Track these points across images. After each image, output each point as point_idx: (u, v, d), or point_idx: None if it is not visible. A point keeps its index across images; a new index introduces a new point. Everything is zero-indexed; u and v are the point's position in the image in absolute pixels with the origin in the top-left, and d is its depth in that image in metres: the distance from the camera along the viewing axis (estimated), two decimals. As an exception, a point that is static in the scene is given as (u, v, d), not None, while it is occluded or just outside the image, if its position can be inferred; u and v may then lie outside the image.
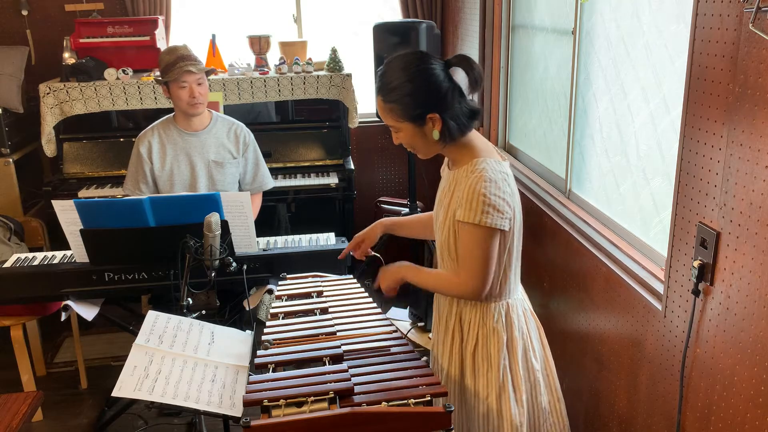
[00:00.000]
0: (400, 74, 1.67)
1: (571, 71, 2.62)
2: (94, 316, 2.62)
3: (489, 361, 1.79)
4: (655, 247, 2.06)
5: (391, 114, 1.70)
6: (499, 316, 1.79)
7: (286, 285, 2.21)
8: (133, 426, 3.06)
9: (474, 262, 1.68)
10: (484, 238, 1.66)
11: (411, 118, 1.68)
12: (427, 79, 1.65)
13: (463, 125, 1.71)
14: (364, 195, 4.66)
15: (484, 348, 1.79)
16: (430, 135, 1.70)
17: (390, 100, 1.68)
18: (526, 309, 1.87)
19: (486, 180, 1.65)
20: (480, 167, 1.68)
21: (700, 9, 1.59)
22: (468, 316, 1.81)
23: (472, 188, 1.65)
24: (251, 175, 3.09)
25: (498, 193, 1.65)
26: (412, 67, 1.67)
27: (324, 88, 3.97)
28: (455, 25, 4.13)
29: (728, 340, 1.55)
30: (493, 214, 1.64)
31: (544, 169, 3.01)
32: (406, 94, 1.66)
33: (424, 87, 1.65)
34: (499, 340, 1.78)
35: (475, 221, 1.64)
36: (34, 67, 4.13)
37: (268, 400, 1.48)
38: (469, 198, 1.65)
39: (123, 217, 2.39)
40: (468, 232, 1.68)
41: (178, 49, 2.84)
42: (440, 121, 1.67)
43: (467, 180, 1.68)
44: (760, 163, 1.40)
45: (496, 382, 1.78)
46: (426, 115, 1.66)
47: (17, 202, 3.83)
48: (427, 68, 1.66)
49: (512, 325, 1.80)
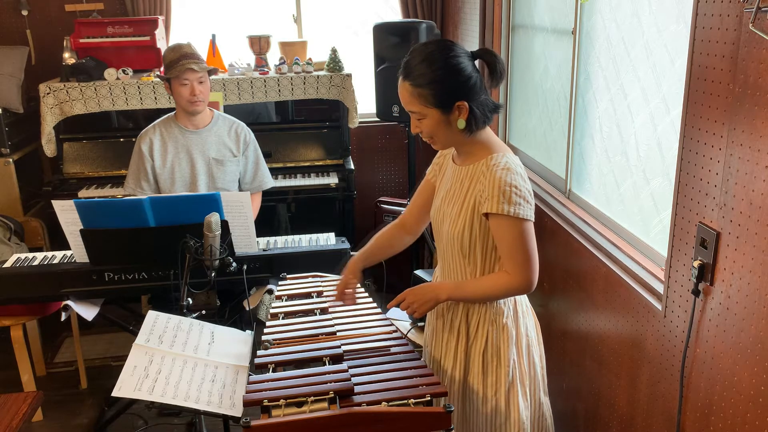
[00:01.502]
0: (430, 60, 1.67)
1: (571, 71, 2.62)
2: (94, 316, 2.62)
3: (499, 358, 1.79)
4: (655, 247, 2.06)
5: (419, 99, 1.69)
6: (509, 312, 1.80)
7: (286, 285, 2.21)
8: (133, 426, 3.06)
9: (521, 256, 1.69)
10: (523, 229, 1.68)
11: (439, 104, 1.68)
12: (457, 66, 1.67)
13: (486, 117, 1.74)
14: (364, 195, 4.66)
15: (493, 346, 1.79)
16: (454, 124, 1.71)
17: (419, 84, 1.67)
18: (527, 304, 1.89)
19: (514, 172, 1.69)
20: (503, 161, 1.71)
21: (700, 9, 1.59)
22: (476, 315, 1.81)
23: (502, 180, 1.67)
24: (251, 175, 3.09)
25: (525, 186, 1.70)
26: (443, 54, 1.68)
27: (324, 88, 3.97)
28: (455, 25, 4.13)
29: (728, 340, 1.55)
30: (524, 205, 1.68)
31: (544, 169, 3.01)
32: (437, 80, 1.66)
33: (454, 74, 1.67)
34: (509, 336, 1.80)
35: (510, 212, 1.66)
36: (34, 67, 4.13)
37: (268, 400, 1.48)
38: (500, 189, 1.66)
39: (123, 217, 2.39)
40: (504, 227, 1.69)
41: (182, 47, 2.86)
42: (467, 109, 1.68)
43: (491, 173, 1.69)
44: (760, 163, 1.40)
45: (506, 379, 1.79)
46: (455, 102, 1.68)
47: (17, 202, 3.83)
48: (456, 56, 1.68)
49: (519, 320, 1.82)
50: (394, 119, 3.76)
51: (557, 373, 2.66)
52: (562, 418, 2.67)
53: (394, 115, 3.71)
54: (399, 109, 3.68)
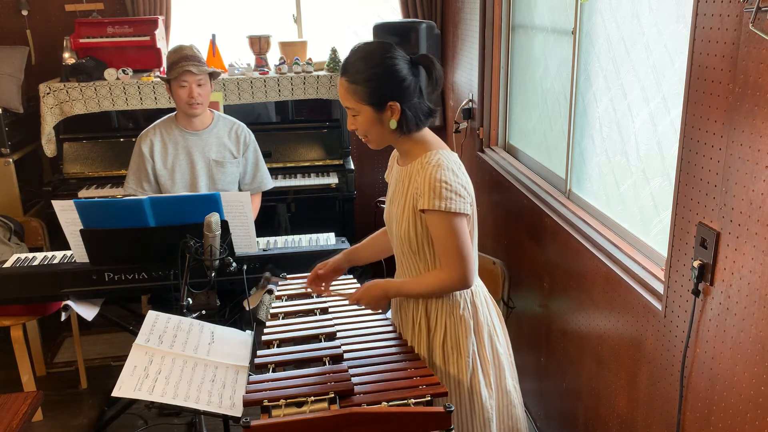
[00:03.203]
0: (367, 59, 1.74)
1: (571, 71, 2.62)
2: (94, 316, 2.62)
3: (458, 349, 1.82)
4: (655, 247, 2.06)
5: (354, 96, 1.75)
6: (465, 304, 1.83)
7: (286, 285, 2.21)
8: (133, 426, 3.06)
9: (453, 251, 1.72)
10: (453, 224, 1.71)
11: (372, 102, 1.73)
12: (393, 67, 1.73)
13: (419, 120, 1.78)
14: (364, 195, 4.66)
15: (453, 337, 1.82)
16: (387, 123, 1.76)
17: (354, 81, 1.74)
18: (486, 295, 1.92)
19: (444, 168, 1.71)
20: (435, 158, 1.75)
21: (700, 9, 1.59)
22: (435, 308, 1.83)
23: (432, 176, 1.70)
24: (251, 175, 3.09)
25: (456, 180, 1.72)
26: (379, 54, 1.74)
27: (324, 88, 3.97)
28: (455, 25, 4.13)
29: (728, 340, 1.55)
30: (455, 199, 1.70)
31: (544, 169, 3.00)
32: (371, 78, 1.72)
33: (388, 74, 1.72)
34: (467, 327, 1.82)
35: (441, 207, 1.69)
36: (34, 67, 4.13)
37: (268, 400, 1.48)
38: (430, 186, 1.70)
39: (123, 217, 2.39)
40: (437, 222, 1.72)
41: (183, 48, 2.85)
42: (399, 110, 1.73)
43: (424, 170, 1.73)
44: (760, 163, 1.40)
45: (467, 369, 1.82)
46: (387, 102, 1.73)
47: (17, 202, 3.83)
48: (393, 58, 1.74)
49: (477, 311, 1.85)
50: (394, 119, 3.75)
51: (557, 373, 2.66)
52: (562, 418, 2.67)
53: (394, 115, 3.71)
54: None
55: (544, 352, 2.79)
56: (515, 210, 3.06)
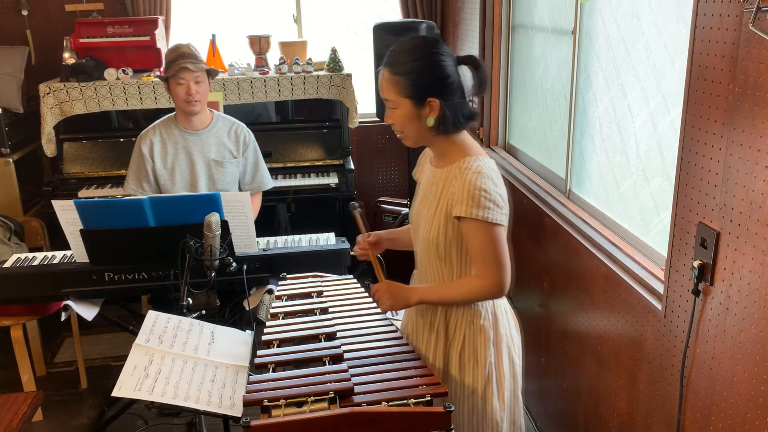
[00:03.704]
0: (412, 51, 1.69)
1: (571, 71, 2.62)
2: (94, 316, 2.62)
3: (476, 358, 1.80)
4: (655, 247, 2.06)
5: (394, 87, 1.70)
6: (486, 314, 1.80)
7: (286, 285, 2.21)
8: (133, 426, 3.06)
9: (491, 260, 1.69)
10: (492, 233, 1.67)
11: (412, 95, 1.69)
12: (437, 63, 1.68)
13: (458, 122, 1.73)
14: (364, 195, 4.66)
15: (471, 346, 1.80)
16: (424, 120, 1.71)
17: (397, 72, 1.69)
18: (506, 306, 1.89)
19: (485, 176, 1.67)
20: (476, 164, 1.70)
21: (700, 9, 1.59)
22: (455, 316, 1.81)
23: (472, 184, 1.66)
24: (250, 175, 3.09)
25: (496, 189, 1.68)
26: (425, 48, 1.69)
27: (324, 88, 3.97)
28: (455, 25, 4.13)
29: (728, 340, 1.55)
30: (494, 209, 1.66)
31: (544, 169, 3.01)
32: (415, 71, 1.67)
33: (432, 69, 1.67)
34: (486, 338, 1.80)
35: (479, 216, 1.65)
36: (34, 67, 4.13)
37: (268, 400, 1.48)
38: (469, 194, 1.65)
39: (123, 217, 2.39)
40: (473, 231, 1.68)
41: (180, 47, 2.86)
42: (439, 108, 1.68)
43: (463, 176, 1.68)
44: (760, 163, 1.40)
45: (482, 379, 1.80)
46: (426, 97, 1.68)
47: (17, 202, 3.83)
48: (439, 53, 1.69)
49: (498, 322, 1.82)
50: (394, 119, 3.75)
51: (557, 373, 2.66)
52: (562, 418, 2.67)
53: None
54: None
55: (544, 352, 2.79)
56: (515, 210, 3.06)
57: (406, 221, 4.05)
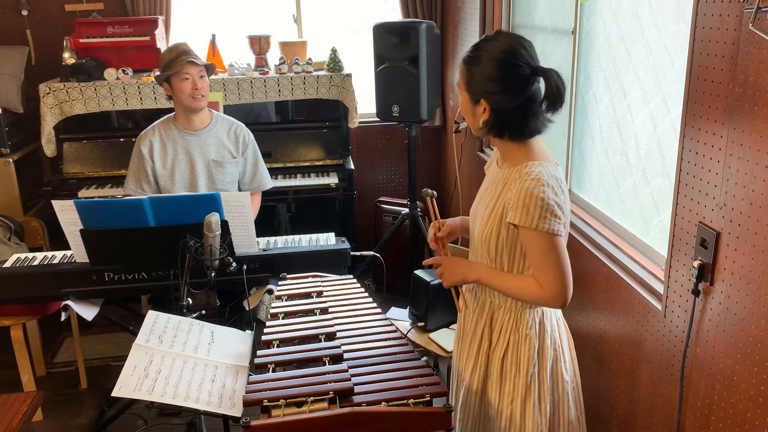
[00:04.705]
0: (491, 50, 1.64)
1: (571, 71, 2.62)
2: (94, 316, 2.62)
3: (518, 366, 1.75)
4: (655, 247, 2.06)
5: (461, 76, 1.71)
6: (533, 323, 1.75)
7: (286, 285, 2.21)
8: (133, 426, 3.06)
9: (552, 270, 1.63)
10: (550, 243, 1.61)
11: (467, 90, 1.69)
12: (502, 69, 1.62)
13: (513, 133, 1.68)
14: (364, 195, 4.66)
15: (514, 354, 1.76)
16: (478, 117, 1.70)
17: (464, 61, 1.70)
18: (559, 318, 1.83)
19: (544, 184, 1.60)
20: (536, 170, 1.63)
21: (700, 9, 1.59)
22: (500, 321, 1.78)
23: (529, 192, 1.60)
24: (250, 175, 3.09)
25: (555, 199, 1.61)
26: (497, 50, 1.63)
27: (324, 88, 3.97)
28: (455, 25, 4.13)
29: (728, 340, 1.55)
30: (551, 219, 1.60)
31: (544, 169, 3.00)
32: (477, 69, 1.65)
33: (496, 74, 1.62)
34: (531, 347, 1.74)
35: (532, 226, 1.60)
36: (34, 67, 4.14)
37: (268, 400, 1.48)
38: (526, 201, 1.60)
39: (123, 217, 2.39)
40: (530, 240, 1.63)
41: (178, 46, 2.87)
42: (489, 113, 1.66)
43: (522, 181, 1.63)
44: (760, 163, 1.40)
45: (523, 389, 1.75)
46: (479, 98, 1.66)
47: (17, 202, 3.83)
48: (512, 60, 1.61)
49: (545, 333, 1.76)
50: (394, 119, 3.76)
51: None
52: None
53: (394, 115, 3.71)
54: (399, 109, 3.68)
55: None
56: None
57: (406, 221, 4.05)
